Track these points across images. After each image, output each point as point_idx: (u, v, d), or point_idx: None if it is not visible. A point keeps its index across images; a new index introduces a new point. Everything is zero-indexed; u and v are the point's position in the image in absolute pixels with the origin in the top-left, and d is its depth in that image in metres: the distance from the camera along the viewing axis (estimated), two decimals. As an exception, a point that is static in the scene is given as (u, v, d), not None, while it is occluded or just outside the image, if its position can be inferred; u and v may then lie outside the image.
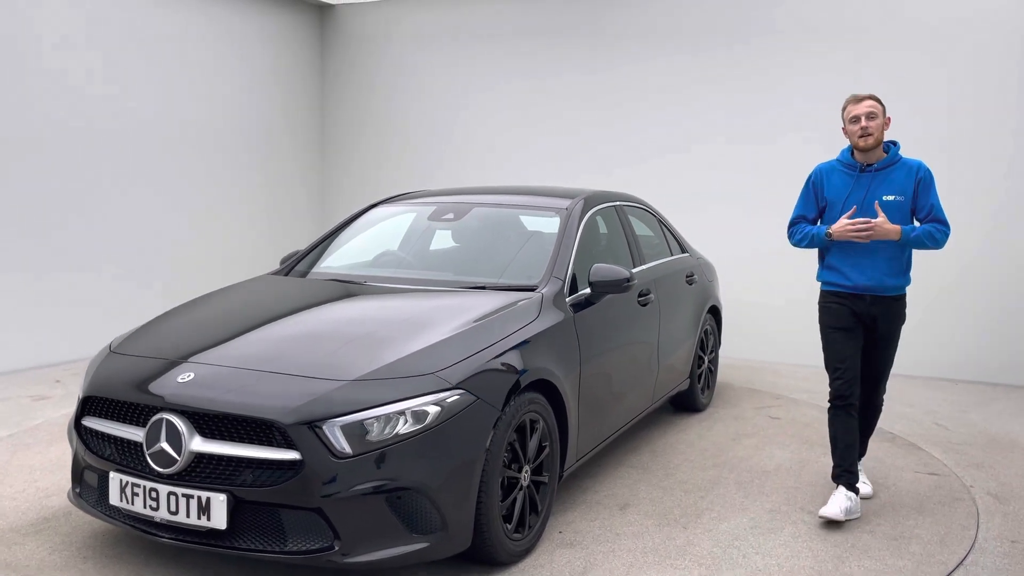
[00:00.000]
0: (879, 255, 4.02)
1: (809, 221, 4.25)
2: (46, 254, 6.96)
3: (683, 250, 5.91)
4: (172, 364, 3.32)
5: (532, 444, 3.59)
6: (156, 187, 7.81)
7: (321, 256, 4.78)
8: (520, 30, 8.65)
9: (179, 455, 3.04)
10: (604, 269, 4.17)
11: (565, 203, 4.68)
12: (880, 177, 4.05)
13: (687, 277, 5.63)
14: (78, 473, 3.50)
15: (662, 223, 5.79)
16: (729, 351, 7.70)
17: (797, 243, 4.26)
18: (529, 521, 3.59)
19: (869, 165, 4.06)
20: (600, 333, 4.25)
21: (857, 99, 4.05)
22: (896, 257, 4.04)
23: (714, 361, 6.18)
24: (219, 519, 3.01)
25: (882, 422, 5.68)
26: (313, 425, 2.97)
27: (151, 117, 7.73)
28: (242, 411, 3.02)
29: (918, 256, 4.23)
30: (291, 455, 2.96)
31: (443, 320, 3.58)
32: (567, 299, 4.07)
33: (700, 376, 5.91)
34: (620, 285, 4.17)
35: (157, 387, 3.19)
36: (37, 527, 3.78)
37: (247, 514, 3.03)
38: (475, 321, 3.58)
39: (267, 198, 9.03)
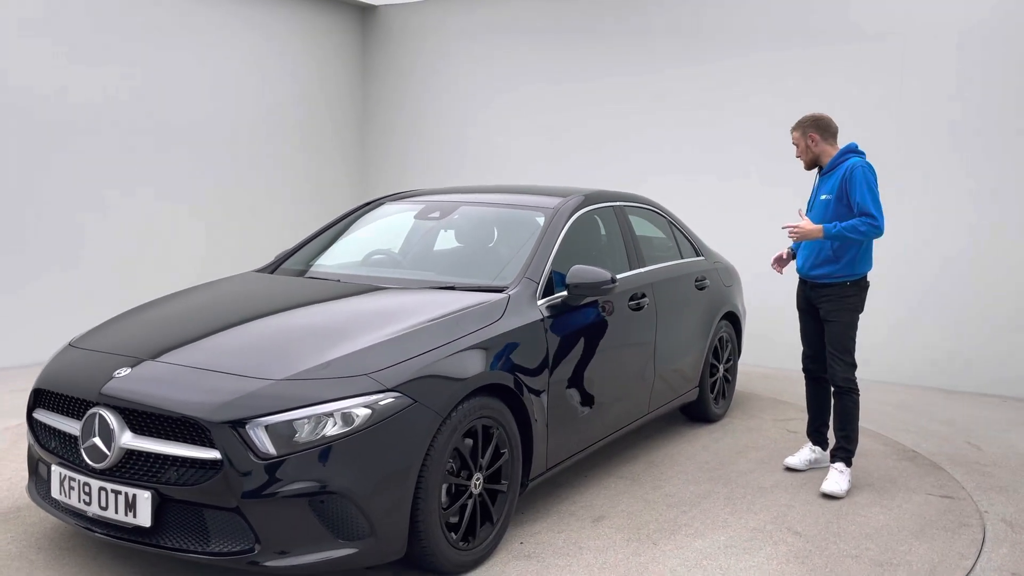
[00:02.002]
0: (811, 248, 4.52)
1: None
2: (89, 245, 7.19)
3: (697, 253, 5.67)
4: (117, 359, 3.30)
5: (487, 451, 3.46)
6: (196, 182, 8.00)
7: (312, 254, 4.74)
8: (559, 30, 8.53)
9: (109, 450, 3.03)
10: (582, 271, 4.00)
11: (554, 202, 4.52)
12: (823, 179, 4.55)
13: (697, 281, 5.39)
14: (33, 465, 3.53)
15: (673, 225, 5.57)
16: (763, 359, 7.42)
17: None
18: (483, 531, 3.46)
19: (821, 170, 4.59)
20: (578, 337, 4.07)
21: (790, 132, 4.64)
22: (822, 250, 4.45)
23: (731, 370, 5.90)
24: (144, 516, 2.98)
25: (907, 439, 5.37)
26: (236, 424, 2.91)
27: (193, 115, 7.91)
28: (167, 407, 2.98)
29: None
30: (212, 454, 2.90)
31: (395, 320, 3.47)
32: (540, 301, 3.91)
33: (714, 385, 5.65)
34: (599, 287, 3.99)
35: (93, 382, 3.18)
36: (7, 516, 3.84)
37: (172, 513, 2.99)
38: (428, 322, 3.47)
39: (309, 193, 9.17)
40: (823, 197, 4.45)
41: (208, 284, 4.36)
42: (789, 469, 4.73)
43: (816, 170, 4.62)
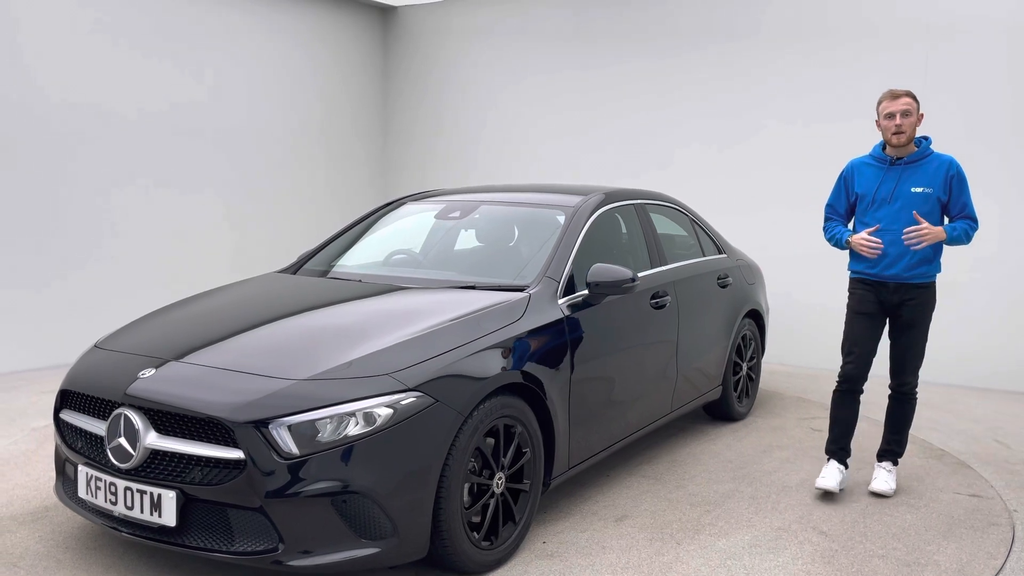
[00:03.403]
0: (901, 246, 4.11)
1: (838, 214, 4.42)
2: (115, 248, 7.27)
3: (719, 251, 5.63)
4: (142, 360, 3.33)
5: (509, 451, 3.46)
6: (221, 183, 8.06)
7: (334, 254, 4.75)
8: (579, 28, 8.51)
9: (135, 450, 3.05)
10: (603, 269, 3.98)
11: (574, 201, 4.51)
12: (910, 170, 4.16)
13: (719, 279, 5.35)
14: (60, 465, 3.57)
15: (695, 222, 5.53)
16: (786, 358, 7.37)
17: (827, 240, 4.44)
18: (505, 530, 3.46)
19: (899, 158, 4.18)
20: (599, 336, 4.05)
21: (894, 95, 4.15)
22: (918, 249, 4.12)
23: (755, 368, 5.86)
24: (169, 516, 3.00)
25: (935, 438, 5.31)
26: (259, 424, 2.92)
27: (216, 116, 7.97)
28: (190, 407, 3.00)
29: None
30: (236, 454, 2.92)
31: (416, 320, 3.47)
32: (561, 300, 3.90)
33: (737, 384, 5.61)
34: (620, 286, 3.98)
35: (118, 382, 3.21)
36: (35, 516, 3.88)
37: (196, 512, 3.01)
38: (449, 321, 3.47)
39: (331, 193, 9.23)
40: (917, 190, 4.09)
41: (231, 285, 4.39)
42: (826, 493, 4.29)
43: (887, 158, 4.17)
